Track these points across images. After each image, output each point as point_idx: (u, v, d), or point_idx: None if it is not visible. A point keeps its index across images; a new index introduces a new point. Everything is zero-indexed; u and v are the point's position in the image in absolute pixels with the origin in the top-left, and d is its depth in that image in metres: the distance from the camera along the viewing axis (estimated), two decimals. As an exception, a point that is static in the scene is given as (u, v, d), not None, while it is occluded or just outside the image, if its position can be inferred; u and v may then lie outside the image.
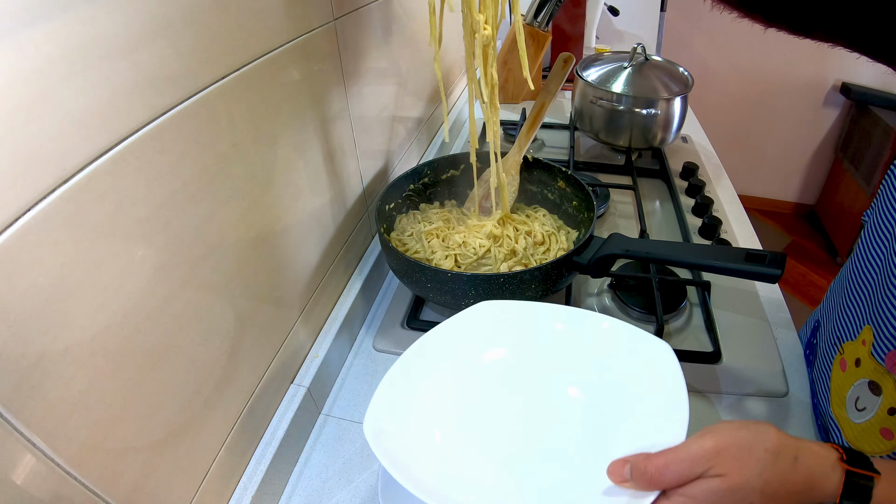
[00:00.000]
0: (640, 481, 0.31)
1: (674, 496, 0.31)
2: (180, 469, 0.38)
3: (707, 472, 0.30)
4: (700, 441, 0.31)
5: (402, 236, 0.69)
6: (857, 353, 0.46)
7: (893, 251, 0.42)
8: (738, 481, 0.30)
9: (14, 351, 0.25)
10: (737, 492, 0.30)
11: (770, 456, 0.31)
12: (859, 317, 0.47)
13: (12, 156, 0.24)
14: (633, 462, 0.32)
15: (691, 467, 0.30)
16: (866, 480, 0.31)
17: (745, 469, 0.30)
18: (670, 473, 0.31)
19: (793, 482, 0.31)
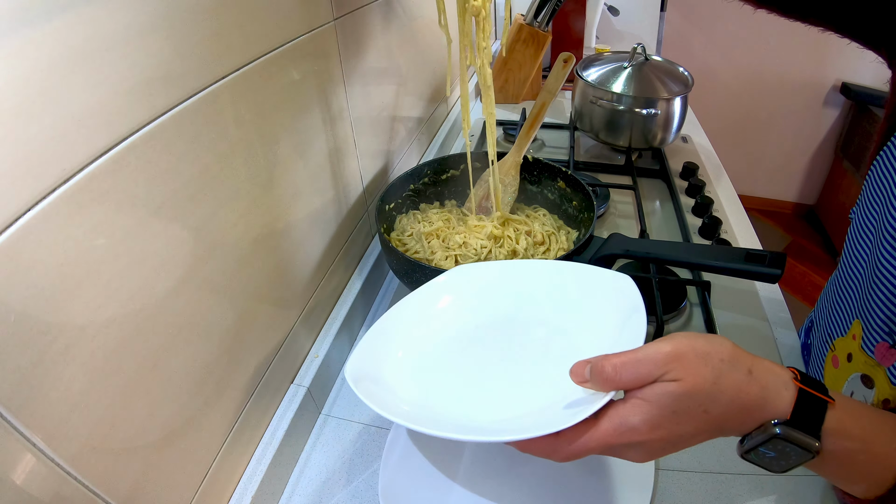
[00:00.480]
0: (598, 380, 0.32)
1: (630, 399, 0.31)
2: (180, 469, 0.38)
3: (663, 377, 0.30)
4: (657, 345, 0.31)
5: (402, 236, 0.69)
6: (849, 349, 0.47)
7: (878, 245, 0.42)
8: (693, 385, 0.30)
9: (14, 351, 0.25)
10: (692, 396, 0.30)
11: (726, 365, 0.31)
12: (849, 312, 0.48)
13: (13, 155, 0.24)
14: (594, 362, 0.32)
15: (648, 369, 0.30)
16: (819, 403, 0.31)
17: (701, 375, 0.30)
18: (627, 373, 0.31)
19: (747, 393, 0.31)
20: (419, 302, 0.48)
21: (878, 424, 0.32)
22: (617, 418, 0.31)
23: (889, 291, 0.40)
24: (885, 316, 0.41)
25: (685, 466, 0.51)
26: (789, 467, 0.32)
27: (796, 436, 0.31)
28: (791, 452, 0.31)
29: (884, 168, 0.43)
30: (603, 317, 0.41)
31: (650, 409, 0.31)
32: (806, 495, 0.48)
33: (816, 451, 0.31)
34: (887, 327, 0.41)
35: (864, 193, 0.47)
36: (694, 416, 0.31)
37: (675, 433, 0.31)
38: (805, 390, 0.31)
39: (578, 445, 0.32)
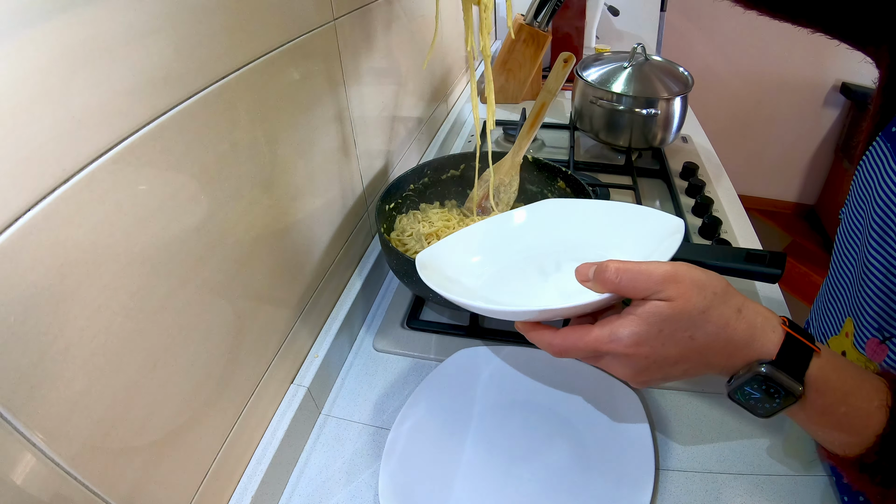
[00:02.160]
0: (599, 279, 0.33)
1: (624, 313, 0.33)
2: (180, 469, 0.38)
3: (657, 294, 0.32)
4: (659, 264, 0.32)
5: (402, 236, 0.69)
6: (842, 346, 0.47)
7: (865, 243, 0.43)
8: (681, 308, 0.31)
9: (14, 351, 0.25)
10: (679, 318, 0.31)
11: (718, 299, 0.32)
12: (841, 310, 0.48)
13: (12, 155, 0.24)
14: (598, 264, 0.34)
15: (645, 282, 0.32)
16: (805, 350, 0.32)
17: (691, 301, 0.31)
18: (625, 280, 0.32)
19: (734, 329, 0.32)
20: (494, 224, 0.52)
21: (860, 381, 0.33)
22: (608, 326, 0.33)
23: (877, 288, 0.41)
24: (875, 312, 0.41)
25: (685, 466, 0.51)
26: (773, 411, 0.33)
27: (781, 377, 0.31)
28: (775, 394, 0.32)
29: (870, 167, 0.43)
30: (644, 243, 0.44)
31: (639, 323, 0.32)
32: (806, 495, 0.48)
33: (799, 395, 0.31)
34: (877, 323, 0.41)
35: (853, 193, 0.47)
36: (679, 339, 0.32)
37: (660, 353, 0.32)
38: (792, 335, 0.32)
39: (570, 342, 0.34)
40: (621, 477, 0.48)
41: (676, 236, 0.40)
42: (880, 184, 0.41)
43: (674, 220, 0.42)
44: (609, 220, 0.48)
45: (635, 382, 0.35)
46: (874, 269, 0.41)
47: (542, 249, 0.50)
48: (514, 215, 0.53)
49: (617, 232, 0.47)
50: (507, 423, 0.54)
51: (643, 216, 0.46)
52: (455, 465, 0.50)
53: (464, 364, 0.59)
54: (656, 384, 0.35)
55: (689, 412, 0.56)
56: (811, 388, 0.32)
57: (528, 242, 0.51)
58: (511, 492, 0.48)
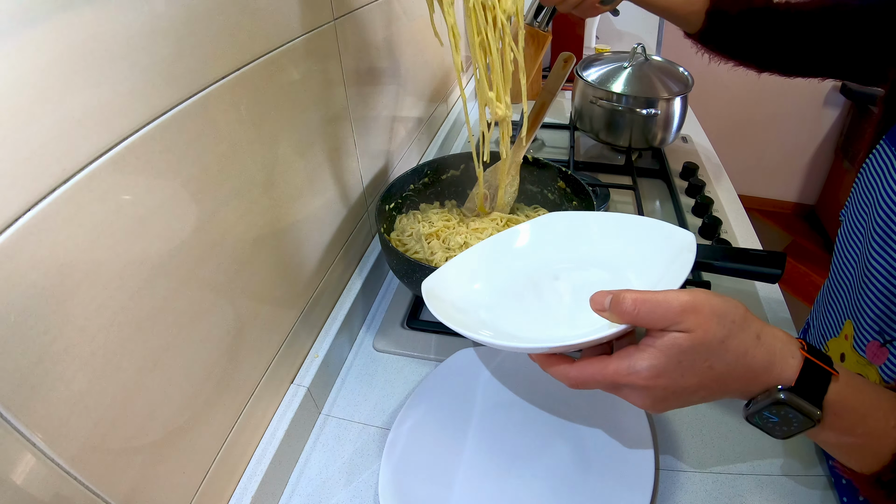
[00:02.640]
0: (616, 311, 0.33)
1: (643, 345, 0.33)
2: (180, 469, 0.38)
3: (676, 325, 0.31)
4: (678, 293, 0.32)
5: (402, 236, 0.69)
6: (841, 349, 0.47)
7: (867, 245, 0.43)
8: (701, 339, 0.31)
9: (14, 351, 0.25)
10: (698, 350, 0.31)
11: (737, 327, 0.32)
12: (840, 313, 0.48)
13: (13, 156, 0.24)
14: (615, 293, 0.33)
15: (664, 312, 0.31)
16: (824, 374, 0.32)
17: (711, 332, 0.31)
18: (643, 311, 0.32)
19: (753, 356, 0.32)
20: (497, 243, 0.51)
21: (877, 401, 0.33)
22: (626, 359, 0.33)
23: (878, 291, 0.41)
24: (875, 315, 0.41)
25: (685, 466, 0.51)
26: (791, 434, 0.33)
27: (799, 403, 0.31)
28: (793, 419, 0.32)
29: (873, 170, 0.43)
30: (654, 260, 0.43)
31: (657, 356, 0.32)
32: (806, 495, 0.48)
33: (818, 420, 0.31)
34: (877, 326, 0.41)
35: (854, 195, 0.47)
36: (698, 369, 0.32)
37: (679, 384, 0.32)
38: (811, 360, 0.32)
39: (587, 375, 0.34)
40: (621, 477, 0.48)
41: (688, 254, 0.39)
42: (884, 187, 0.41)
43: (685, 235, 0.42)
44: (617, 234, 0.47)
45: (654, 410, 0.35)
46: (876, 272, 0.41)
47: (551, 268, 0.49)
48: (517, 232, 0.51)
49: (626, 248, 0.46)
50: (507, 423, 0.54)
51: (652, 230, 0.45)
52: (455, 466, 0.50)
53: (464, 364, 0.59)
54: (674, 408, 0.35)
55: (690, 412, 0.56)
56: (829, 411, 0.32)
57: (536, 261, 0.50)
58: (511, 492, 0.48)
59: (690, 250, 0.39)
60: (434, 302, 0.43)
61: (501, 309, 0.46)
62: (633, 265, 0.45)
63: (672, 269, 0.40)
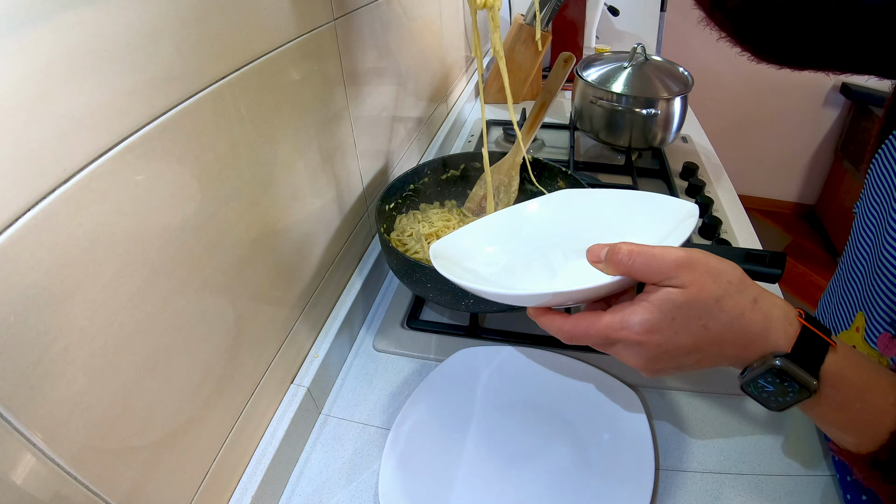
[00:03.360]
0: (611, 261, 0.32)
1: (637, 300, 0.32)
2: (180, 469, 0.38)
3: (670, 280, 0.31)
4: (674, 249, 0.31)
5: (402, 236, 0.69)
6: (852, 341, 0.47)
7: (881, 238, 0.43)
8: (695, 295, 0.30)
9: (14, 351, 0.25)
10: (692, 307, 0.30)
11: (733, 288, 0.31)
12: (852, 305, 0.48)
13: (12, 156, 0.24)
14: (611, 245, 0.33)
15: (659, 266, 0.31)
16: (821, 343, 0.31)
17: (706, 289, 0.30)
18: (638, 263, 0.31)
19: (749, 319, 0.31)
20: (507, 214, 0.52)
21: (876, 376, 0.32)
22: (619, 313, 0.32)
23: (891, 282, 0.41)
24: (888, 306, 0.41)
25: (685, 466, 0.51)
26: (786, 405, 0.32)
27: (795, 371, 0.31)
28: (789, 388, 0.31)
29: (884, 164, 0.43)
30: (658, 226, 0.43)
31: (651, 310, 0.31)
32: (806, 495, 0.48)
33: (814, 390, 0.31)
34: (889, 318, 0.41)
35: (867, 188, 0.47)
36: (692, 328, 0.31)
37: (672, 341, 0.31)
38: (808, 328, 0.31)
39: (581, 328, 0.33)
40: (621, 477, 0.48)
41: (690, 220, 0.39)
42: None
43: (687, 205, 0.42)
44: (622, 206, 0.48)
45: (647, 371, 0.34)
46: (889, 263, 0.41)
47: (556, 238, 0.49)
48: (527, 206, 0.52)
49: (630, 217, 0.46)
50: (507, 423, 0.54)
51: (656, 202, 0.45)
52: (455, 465, 0.50)
53: (464, 364, 0.59)
54: (669, 373, 0.34)
55: (689, 412, 0.56)
56: (826, 382, 0.31)
57: (543, 232, 0.50)
58: (511, 492, 0.48)
59: (693, 215, 0.39)
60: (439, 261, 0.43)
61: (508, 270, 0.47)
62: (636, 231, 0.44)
63: (675, 233, 0.39)
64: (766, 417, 0.55)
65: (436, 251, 0.46)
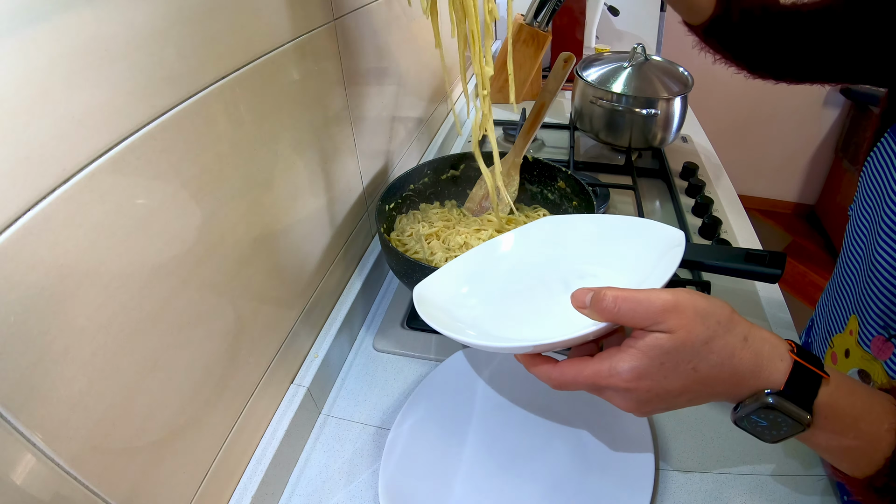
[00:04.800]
0: (596, 308, 0.32)
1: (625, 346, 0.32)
2: (180, 469, 0.38)
3: (657, 325, 0.30)
4: (660, 292, 0.31)
5: (402, 236, 0.69)
6: (846, 344, 0.47)
7: (874, 240, 0.43)
8: (684, 339, 0.30)
9: (14, 351, 0.25)
10: (681, 351, 0.30)
11: (721, 328, 0.31)
12: (846, 308, 0.48)
13: (12, 156, 0.24)
14: (596, 290, 0.32)
15: (645, 311, 0.31)
16: (814, 377, 0.31)
17: (694, 332, 0.30)
18: (624, 309, 0.31)
19: (739, 359, 0.31)
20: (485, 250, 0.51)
21: (869, 404, 0.32)
22: (608, 360, 0.32)
23: (883, 285, 0.41)
24: (880, 310, 0.41)
25: (685, 466, 0.51)
26: (781, 438, 0.32)
27: (788, 407, 0.31)
28: (783, 423, 0.31)
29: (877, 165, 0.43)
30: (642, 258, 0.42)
31: (639, 357, 0.31)
32: (806, 495, 0.48)
33: (808, 424, 0.31)
34: (882, 321, 0.41)
35: (860, 189, 0.47)
36: (681, 371, 0.31)
37: (662, 386, 0.31)
38: (800, 363, 0.31)
39: (568, 376, 0.33)
40: (621, 477, 0.48)
41: (677, 250, 0.38)
42: (890, 181, 0.41)
43: (674, 232, 0.41)
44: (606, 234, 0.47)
45: (638, 413, 0.34)
46: (881, 266, 0.41)
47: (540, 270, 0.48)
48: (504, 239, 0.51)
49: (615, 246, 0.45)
50: (507, 423, 0.54)
51: (642, 228, 0.44)
52: (455, 465, 0.50)
53: (464, 364, 0.59)
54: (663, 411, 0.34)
55: (689, 412, 0.56)
56: (820, 415, 0.31)
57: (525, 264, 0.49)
58: (511, 492, 0.48)
59: (679, 245, 0.38)
60: (423, 306, 0.43)
61: (489, 311, 0.46)
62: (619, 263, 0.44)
63: (660, 266, 0.39)
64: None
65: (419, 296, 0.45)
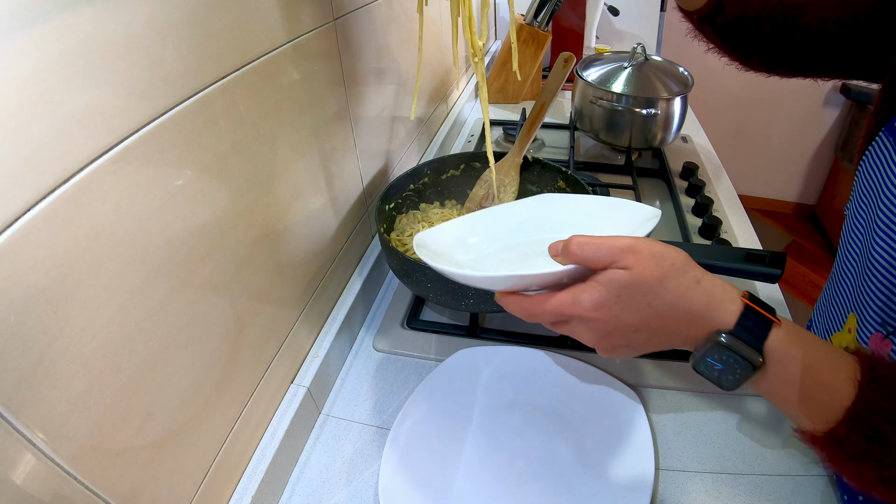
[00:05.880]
0: (565, 253, 0.35)
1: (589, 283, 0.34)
2: (180, 469, 0.38)
3: (615, 264, 0.33)
4: (620, 238, 0.34)
5: (402, 236, 0.69)
6: (845, 342, 0.47)
7: (870, 238, 0.43)
8: (638, 275, 0.32)
9: (14, 351, 0.25)
10: (636, 285, 0.32)
11: (675, 270, 0.33)
12: (844, 306, 0.48)
13: (12, 156, 0.24)
14: (566, 239, 0.35)
15: (605, 252, 0.33)
16: (764, 321, 0.32)
17: (648, 270, 0.32)
18: (587, 251, 0.34)
19: (692, 299, 0.33)
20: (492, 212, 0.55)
21: (825, 354, 0.33)
22: (572, 292, 0.34)
23: (881, 282, 0.41)
24: (878, 307, 0.41)
25: (685, 466, 0.51)
26: (737, 382, 0.33)
27: (739, 346, 0.32)
28: (736, 365, 0.32)
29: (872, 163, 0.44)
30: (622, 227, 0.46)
31: (598, 289, 0.33)
32: (806, 495, 0.48)
33: (759, 365, 0.32)
34: (880, 318, 0.41)
35: (856, 188, 0.47)
36: (637, 305, 0.33)
37: (619, 318, 0.33)
38: (750, 306, 0.33)
39: (537, 305, 0.36)
40: (621, 477, 0.48)
41: (652, 221, 0.42)
42: (885, 180, 0.41)
43: (652, 209, 0.44)
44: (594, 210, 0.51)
45: (601, 349, 0.36)
46: (878, 263, 0.41)
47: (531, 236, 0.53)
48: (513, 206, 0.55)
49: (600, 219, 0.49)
50: (507, 423, 0.54)
51: (626, 206, 0.48)
52: (455, 465, 0.50)
53: (464, 364, 0.59)
54: (624, 353, 0.36)
55: (689, 412, 0.56)
56: (772, 358, 0.32)
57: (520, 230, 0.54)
58: (511, 492, 0.48)
59: (654, 218, 0.43)
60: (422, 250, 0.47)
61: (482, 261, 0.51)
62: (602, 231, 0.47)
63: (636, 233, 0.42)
64: (766, 417, 0.55)
65: (419, 241, 0.48)
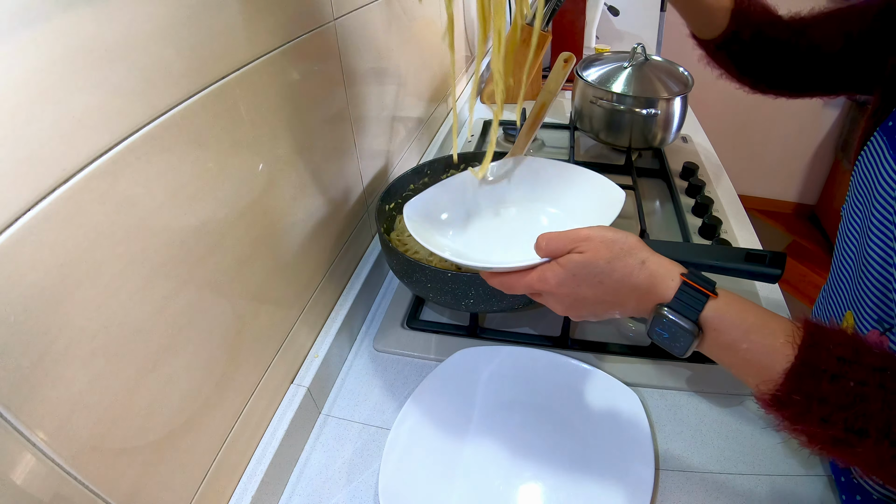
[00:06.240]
0: (537, 248, 0.42)
1: (552, 264, 0.41)
2: (180, 469, 0.38)
3: (574, 250, 0.40)
4: (580, 229, 0.41)
5: (401, 236, 0.69)
6: None
7: (865, 236, 0.44)
8: (590, 258, 0.39)
9: (14, 351, 0.25)
10: (588, 266, 0.39)
11: (623, 252, 0.39)
12: (842, 305, 0.48)
13: (12, 156, 0.24)
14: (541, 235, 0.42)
15: (565, 243, 0.40)
16: (700, 295, 0.37)
17: (599, 253, 0.39)
18: (552, 244, 0.41)
19: (636, 277, 0.38)
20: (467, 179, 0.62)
21: (763, 320, 0.36)
22: (540, 271, 0.42)
23: (876, 280, 0.42)
24: (874, 304, 0.42)
25: (685, 466, 0.51)
26: (684, 349, 0.37)
27: (677, 317, 0.37)
28: (679, 334, 0.37)
29: (867, 163, 0.44)
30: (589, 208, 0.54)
31: (559, 269, 0.40)
32: (806, 495, 0.48)
33: (696, 334, 0.36)
34: (877, 315, 0.42)
35: (852, 188, 0.48)
36: (591, 283, 0.39)
37: (578, 293, 0.40)
38: (686, 282, 0.37)
39: (514, 280, 0.43)
40: (621, 477, 0.48)
41: (617, 205, 0.50)
42: (879, 180, 0.42)
43: (618, 192, 0.52)
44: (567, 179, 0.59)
45: (572, 316, 0.43)
46: (874, 261, 0.42)
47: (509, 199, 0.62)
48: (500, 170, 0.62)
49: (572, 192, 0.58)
50: (507, 423, 0.54)
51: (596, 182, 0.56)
52: (455, 465, 0.50)
53: (464, 364, 0.59)
54: (593, 318, 0.43)
55: (689, 412, 0.56)
56: (709, 326, 0.36)
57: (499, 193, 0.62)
58: (511, 492, 0.48)
59: (619, 202, 0.50)
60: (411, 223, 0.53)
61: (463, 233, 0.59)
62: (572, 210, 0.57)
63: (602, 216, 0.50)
64: (766, 417, 0.55)
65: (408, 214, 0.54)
